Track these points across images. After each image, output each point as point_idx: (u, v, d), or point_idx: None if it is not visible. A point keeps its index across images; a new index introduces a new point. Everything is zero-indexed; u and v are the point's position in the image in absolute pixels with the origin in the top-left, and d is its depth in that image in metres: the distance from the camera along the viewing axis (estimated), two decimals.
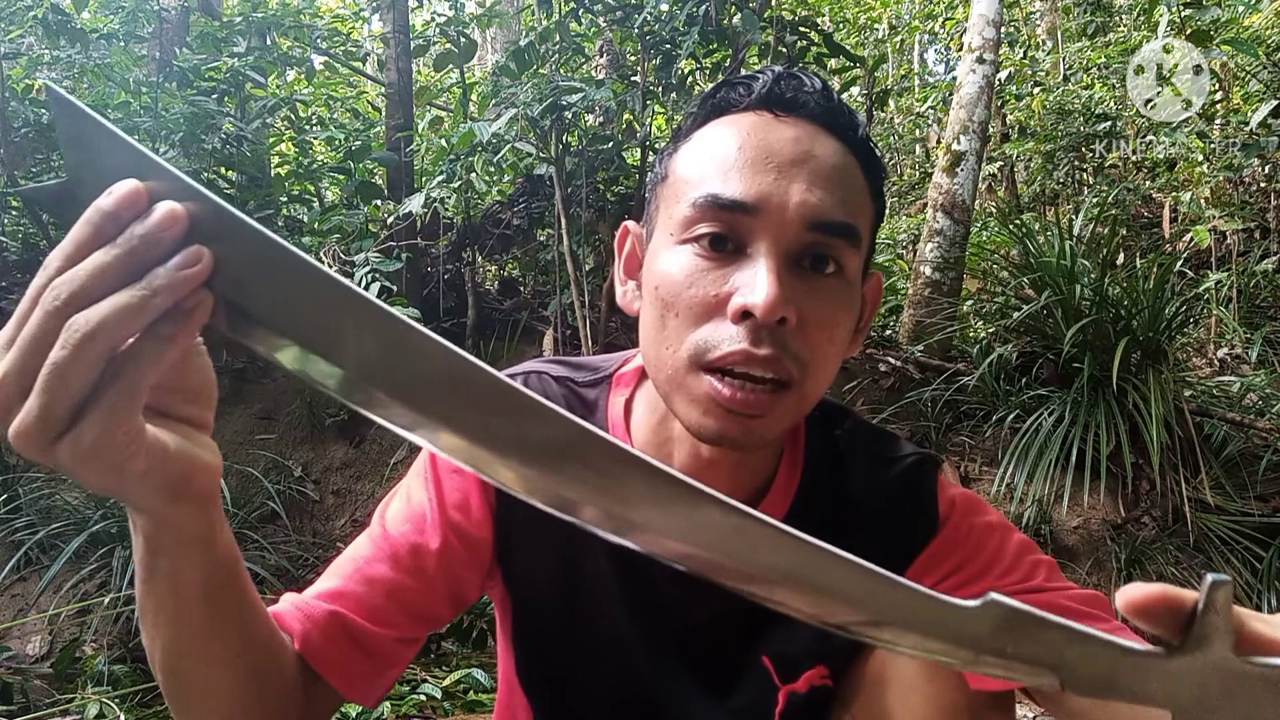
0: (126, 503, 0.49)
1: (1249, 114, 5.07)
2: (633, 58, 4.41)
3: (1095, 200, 5.69)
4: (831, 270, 0.69)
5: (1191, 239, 5.44)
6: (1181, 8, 4.47)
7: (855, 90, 7.03)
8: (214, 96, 3.99)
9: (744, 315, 0.65)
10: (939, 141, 6.70)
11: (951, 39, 8.71)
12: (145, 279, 0.40)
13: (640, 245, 0.78)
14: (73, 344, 0.40)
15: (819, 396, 0.72)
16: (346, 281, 0.39)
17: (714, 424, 0.67)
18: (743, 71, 0.85)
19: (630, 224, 0.81)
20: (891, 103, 8.70)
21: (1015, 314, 3.93)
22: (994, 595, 0.39)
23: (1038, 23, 8.47)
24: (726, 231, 0.67)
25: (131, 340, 0.41)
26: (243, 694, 0.62)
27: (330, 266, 4.11)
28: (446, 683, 2.48)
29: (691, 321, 0.67)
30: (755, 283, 0.65)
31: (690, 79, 3.83)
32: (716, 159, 0.70)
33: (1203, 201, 5.61)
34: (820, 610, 0.40)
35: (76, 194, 0.42)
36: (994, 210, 6.80)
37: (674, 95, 3.67)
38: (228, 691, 0.61)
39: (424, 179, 4.32)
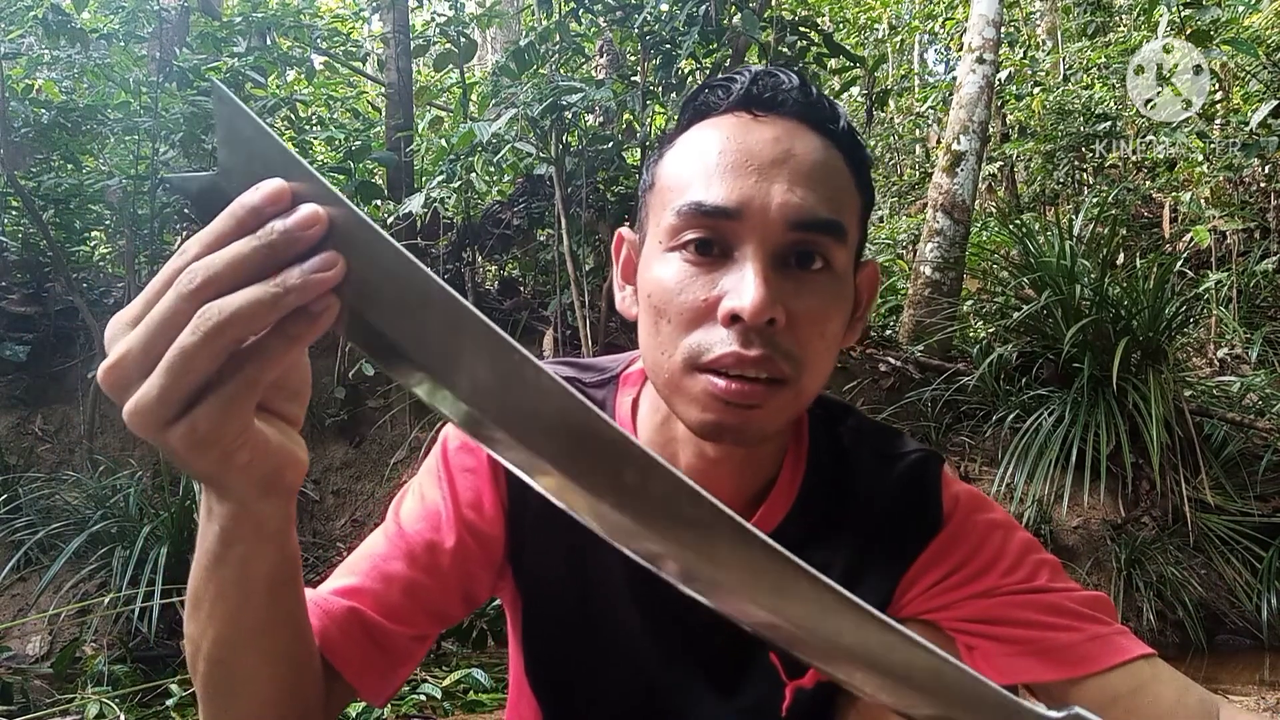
0: (219, 491, 0.50)
1: (1249, 114, 5.07)
2: (633, 58, 4.41)
3: (1095, 200, 5.69)
4: (819, 266, 0.69)
5: (1191, 239, 5.45)
6: (1181, 8, 4.47)
7: (855, 90, 7.03)
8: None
9: (733, 319, 0.66)
10: (939, 141, 6.70)
11: (951, 39, 8.72)
12: (280, 276, 0.40)
13: (635, 251, 0.79)
14: (203, 330, 0.40)
15: (816, 390, 0.72)
16: (470, 305, 0.39)
17: (712, 418, 0.68)
18: None
19: (625, 230, 0.82)
20: (891, 103, 8.70)
21: (1015, 314, 3.93)
22: (1078, 709, 0.38)
23: (1038, 23, 8.47)
24: (712, 237, 0.68)
25: (257, 335, 0.42)
26: (282, 689, 0.63)
27: None
28: (446, 683, 2.48)
29: (684, 327, 0.68)
30: (742, 287, 0.65)
31: (690, 79, 3.83)
32: (698, 165, 0.71)
33: (1203, 201, 5.61)
34: (897, 698, 0.40)
35: (225, 189, 0.42)
36: (994, 210, 6.80)
37: (674, 95, 3.67)
38: (268, 685, 0.61)
39: (424, 179, 4.32)
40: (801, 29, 3.77)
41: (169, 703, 2.38)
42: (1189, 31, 4.62)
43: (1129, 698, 0.72)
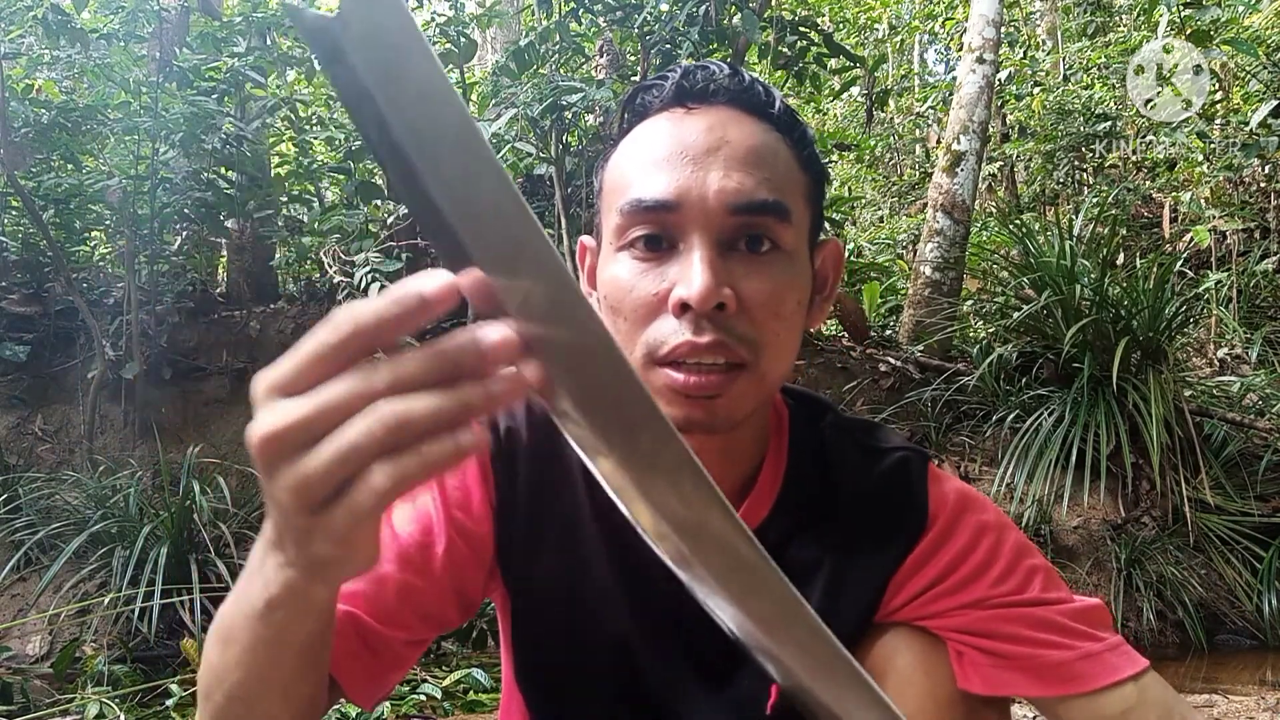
0: (288, 560, 0.45)
1: (1249, 114, 5.07)
2: (633, 58, 4.41)
3: (1095, 200, 5.69)
4: (767, 248, 0.70)
5: (1191, 239, 5.45)
6: (1181, 8, 4.47)
7: (855, 90, 7.04)
8: (214, 96, 3.99)
9: (684, 308, 0.67)
10: (939, 141, 6.70)
11: (951, 39, 8.72)
12: (460, 391, 0.38)
13: (595, 258, 0.80)
14: (377, 433, 0.38)
15: (782, 373, 0.73)
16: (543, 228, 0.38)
17: (678, 412, 0.69)
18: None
19: (585, 239, 0.84)
20: (891, 103, 8.70)
21: (1015, 314, 3.93)
22: None
23: (1038, 23, 8.47)
24: (658, 231, 0.69)
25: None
26: None
27: (330, 266, 4.11)
28: (446, 683, 2.48)
29: (639, 322, 0.69)
30: (689, 275, 0.66)
31: None
32: (636, 163, 0.72)
33: (1203, 201, 5.61)
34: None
35: (338, 38, 0.37)
36: (994, 210, 6.80)
37: None
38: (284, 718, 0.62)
39: None
40: (801, 29, 3.77)
41: (169, 703, 2.38)
42: (1189, 31, 4.63)
43: None
